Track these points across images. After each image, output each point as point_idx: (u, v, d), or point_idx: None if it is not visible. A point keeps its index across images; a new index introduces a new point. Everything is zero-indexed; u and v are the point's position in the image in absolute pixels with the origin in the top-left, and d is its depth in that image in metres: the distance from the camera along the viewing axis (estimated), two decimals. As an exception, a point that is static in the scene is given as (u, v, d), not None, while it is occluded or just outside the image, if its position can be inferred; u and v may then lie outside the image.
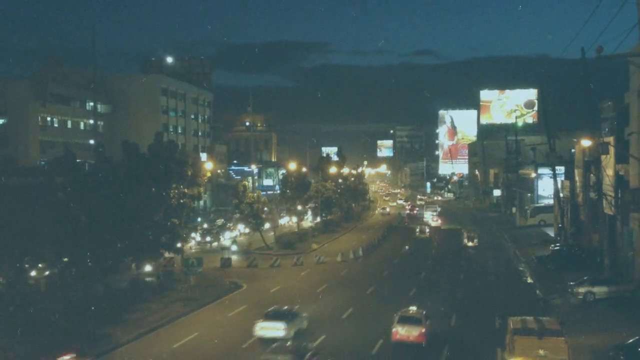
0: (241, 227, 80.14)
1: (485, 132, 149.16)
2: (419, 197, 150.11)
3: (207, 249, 64.44)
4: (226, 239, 73.39)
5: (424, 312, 31.43)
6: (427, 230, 78.53)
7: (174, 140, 63.78)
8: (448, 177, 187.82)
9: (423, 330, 29.44)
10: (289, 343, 27.43)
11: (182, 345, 31.05)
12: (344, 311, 37.68)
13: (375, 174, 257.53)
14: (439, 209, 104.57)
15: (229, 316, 37.54)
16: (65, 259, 38.39)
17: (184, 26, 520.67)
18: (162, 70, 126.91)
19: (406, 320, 30.01)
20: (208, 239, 70.33)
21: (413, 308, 32.04)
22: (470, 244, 67.15)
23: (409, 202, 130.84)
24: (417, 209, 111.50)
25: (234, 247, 65.56)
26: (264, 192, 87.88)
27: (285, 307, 33.73)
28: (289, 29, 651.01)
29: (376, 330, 32.60)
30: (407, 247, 69.19)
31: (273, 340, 28.93)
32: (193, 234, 63.20)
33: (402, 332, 29.55)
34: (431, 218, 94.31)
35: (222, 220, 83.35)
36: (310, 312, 35.70)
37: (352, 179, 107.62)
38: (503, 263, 57.87)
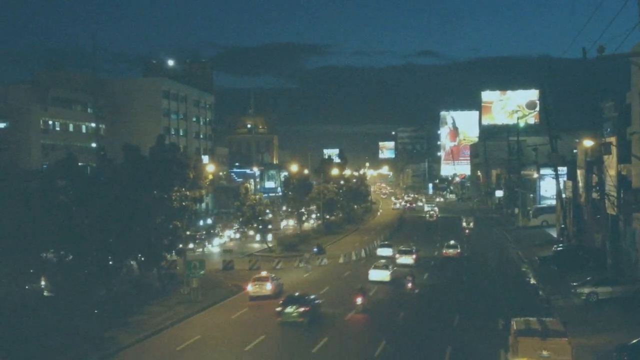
0: (230, 233, 79.45)
1: (487, 133, 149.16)
2: (407, 194, 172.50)
3: (193, 257, 62.85)
4: (214, 245, 72.26)
5: (459, 244, 61.13)
6: (435, 216, 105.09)
7: (176, 143, 63.83)
8: (450, 178, 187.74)
9: (459, 250, 59.99)
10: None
11: (185, 347, 31.02)
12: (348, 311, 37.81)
13: (377, 176, 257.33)
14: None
15: (232, 318, 37.48)
16: (68, 263, 38.33)
17: (185, 29, 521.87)
18: (163, 73, 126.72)
19: (450, 246, 60.39)
20: (191, 245, 63.19)
21: (453, 241, 61.75)
22: (467, 226, 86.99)
23: (401, 199, 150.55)
24: (413, 203, 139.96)
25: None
26: (266, 195, 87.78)
27: (387, 242, 65.48)
28: (290, 31, 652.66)
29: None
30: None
31: (386, 257, 56.98)
32: None
33: (448, 251, 59.61)
34: (430, 209, 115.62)
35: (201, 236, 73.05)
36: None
37: (354, 180, 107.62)
38: (495, 247, 68.62)
